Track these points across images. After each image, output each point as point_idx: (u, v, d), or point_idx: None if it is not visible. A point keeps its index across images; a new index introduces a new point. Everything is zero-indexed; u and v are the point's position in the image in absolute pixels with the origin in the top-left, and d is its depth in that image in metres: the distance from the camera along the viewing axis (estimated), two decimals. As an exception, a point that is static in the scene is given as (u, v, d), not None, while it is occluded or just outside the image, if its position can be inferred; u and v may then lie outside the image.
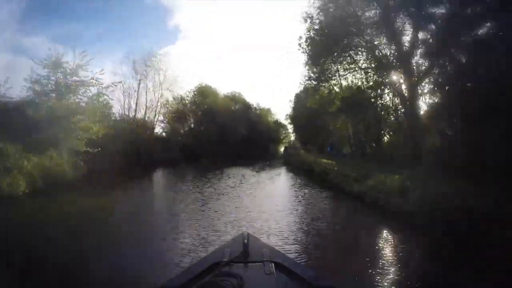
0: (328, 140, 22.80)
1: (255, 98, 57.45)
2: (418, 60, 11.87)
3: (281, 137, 45.37)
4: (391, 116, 15.04)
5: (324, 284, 1.39)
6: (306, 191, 10.97)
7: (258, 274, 1.40)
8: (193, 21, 55.86)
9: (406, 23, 12.11)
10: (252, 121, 35.42)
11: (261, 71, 72.82)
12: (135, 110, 25.96)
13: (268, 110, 41.81)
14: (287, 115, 34.79)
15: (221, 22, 62.37)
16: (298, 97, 28.93)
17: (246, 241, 1.60)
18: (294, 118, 32.60)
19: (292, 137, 45.40)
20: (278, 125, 42.43)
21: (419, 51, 11.58)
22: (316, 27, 15.27)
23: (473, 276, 3.81)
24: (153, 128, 27.33)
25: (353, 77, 16.29)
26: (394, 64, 13.09)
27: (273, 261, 1.51)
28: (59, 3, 34.60)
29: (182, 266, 3.89)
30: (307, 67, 17.06)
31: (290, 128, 39.86)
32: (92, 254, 4.62)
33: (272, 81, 76.27)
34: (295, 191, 11.26)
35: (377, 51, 13.88)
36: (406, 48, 12.21)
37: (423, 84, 11.80)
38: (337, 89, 17.33)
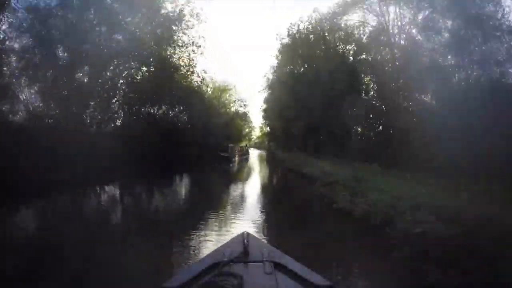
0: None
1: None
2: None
3: (244, 134, 32.87)
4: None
5: (324, 284, 1.39)
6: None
7: (258, 274, 1.40)
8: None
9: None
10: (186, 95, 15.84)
11: (261, 71, 72.78)
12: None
13: (225, 88, 24.68)
14: (264, 88, 22.28)
15: (220, 23, 62.52)
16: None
17: (246, 241, 1.60)
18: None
19: (257, 131, 34.11)
20: (241, 116, 28.51)
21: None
22: None
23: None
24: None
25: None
26: None
27: (273, 261, 1.50)
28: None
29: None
30: None
31: (259, 119, 25.02)
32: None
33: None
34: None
35: None
36: None
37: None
38: None
